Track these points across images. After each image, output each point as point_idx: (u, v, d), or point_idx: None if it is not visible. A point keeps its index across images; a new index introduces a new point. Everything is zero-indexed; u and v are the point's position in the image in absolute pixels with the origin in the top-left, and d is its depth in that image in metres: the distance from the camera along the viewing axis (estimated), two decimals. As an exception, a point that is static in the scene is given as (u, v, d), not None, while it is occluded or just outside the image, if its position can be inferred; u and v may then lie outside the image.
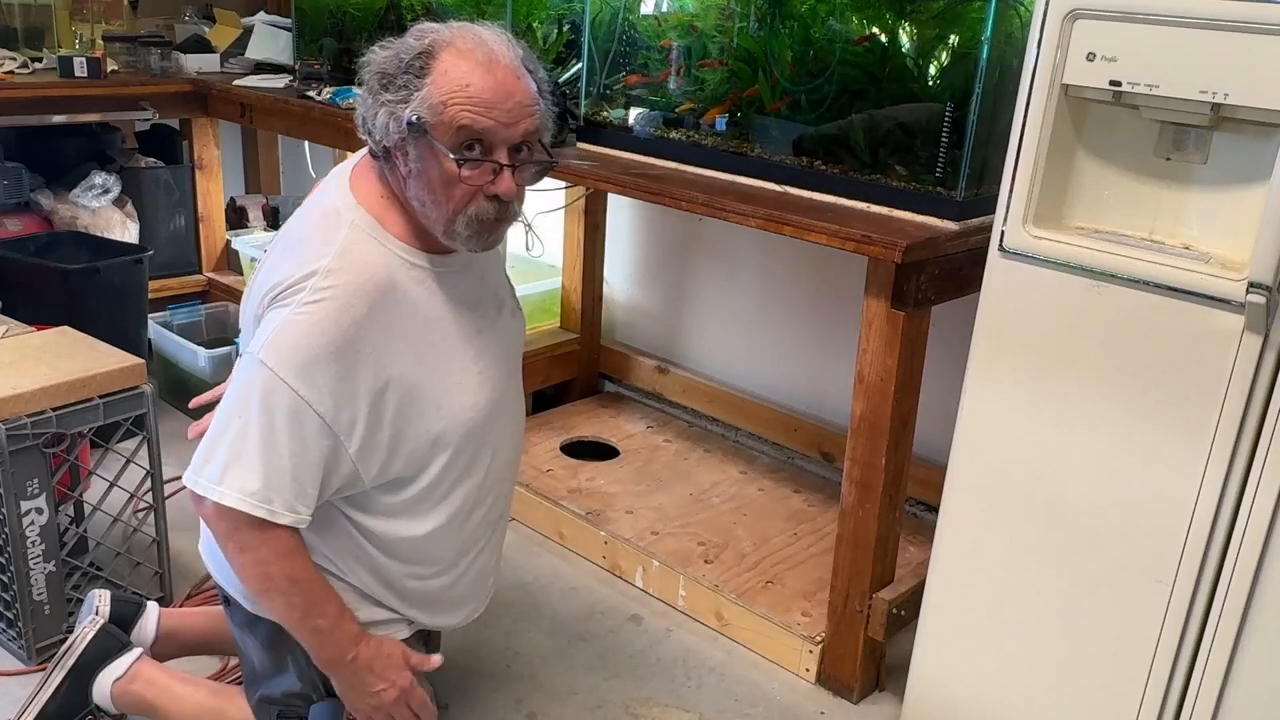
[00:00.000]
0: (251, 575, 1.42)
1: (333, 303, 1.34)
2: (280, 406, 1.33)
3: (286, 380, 1.32)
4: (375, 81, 1.37)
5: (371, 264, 1.39)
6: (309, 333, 1.33)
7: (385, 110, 1.36)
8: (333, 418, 1.36)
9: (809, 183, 2.01)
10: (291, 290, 1.36)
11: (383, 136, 1.38)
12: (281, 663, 1.56)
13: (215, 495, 1.34)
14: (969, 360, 1.66)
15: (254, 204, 3.86)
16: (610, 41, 2.38)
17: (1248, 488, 1.42)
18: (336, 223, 1.41)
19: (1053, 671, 1.65)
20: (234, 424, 1.34)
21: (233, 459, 1.34)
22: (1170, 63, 1.39)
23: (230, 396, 1.37)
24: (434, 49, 1.35)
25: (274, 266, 1.41)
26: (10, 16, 3.30)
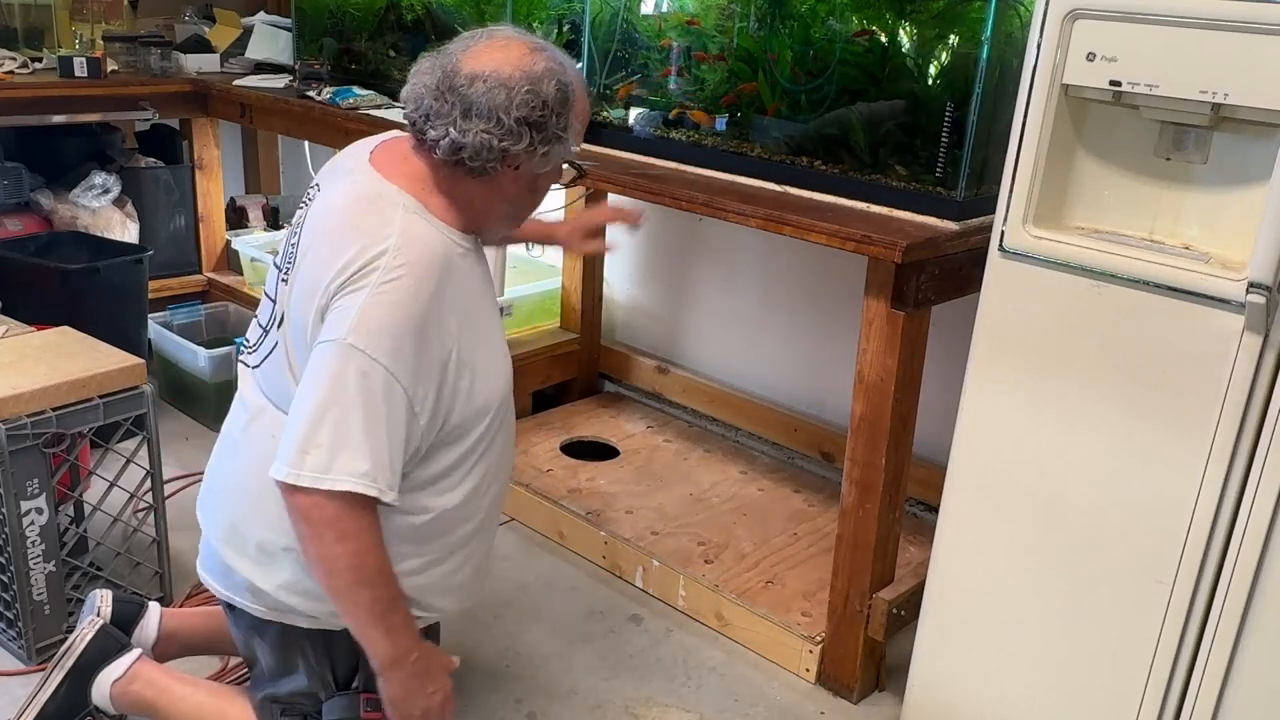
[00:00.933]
0: (345, 567, 1.39)
1: (409, 279, 1.37)
2: (377, 388, 1.35)
3: (379, 360, 1.34)
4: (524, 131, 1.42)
5: (431, 241, 1.43)
6: (393, 311, 1.36)
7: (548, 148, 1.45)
8: (414, 394, 1.39)
9: (809, 183, 2.01)
10: (363, 272, 1.37)
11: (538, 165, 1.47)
12: (291, 663, 1.57)
13: (326, 483, 1.34)
14: (969, 360, 1.66)
15: (254, 204, 3.86)
16: (610, 41, 2.38)
17: (1248, 488, 1.42)
18: (387, 204, 1.43)
19: (1053, 671, 1.65)
20: (331, 412, 1.35)
21: (338, 445, 1.34)
22: (1170, 63, 1.39)
23: (317, 387, 1.36)
24: (571, 85, 1.46)
25: (327, 255, 1.41)
26: (10, 16, 3.30)
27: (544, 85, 1.42)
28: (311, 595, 1.51)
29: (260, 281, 3.43)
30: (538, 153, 1.45)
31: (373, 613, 1.44)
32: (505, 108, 1.40)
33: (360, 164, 1.51)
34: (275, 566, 1.51)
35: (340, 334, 1.35)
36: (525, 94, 1.40)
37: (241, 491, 1.55)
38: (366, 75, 3.05)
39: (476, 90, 1.40)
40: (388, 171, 1.48)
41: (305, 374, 1.39)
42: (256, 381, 1.55)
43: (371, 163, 1.50)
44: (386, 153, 1.52)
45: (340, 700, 1.56)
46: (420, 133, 1.45)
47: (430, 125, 1.43)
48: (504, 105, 1.40)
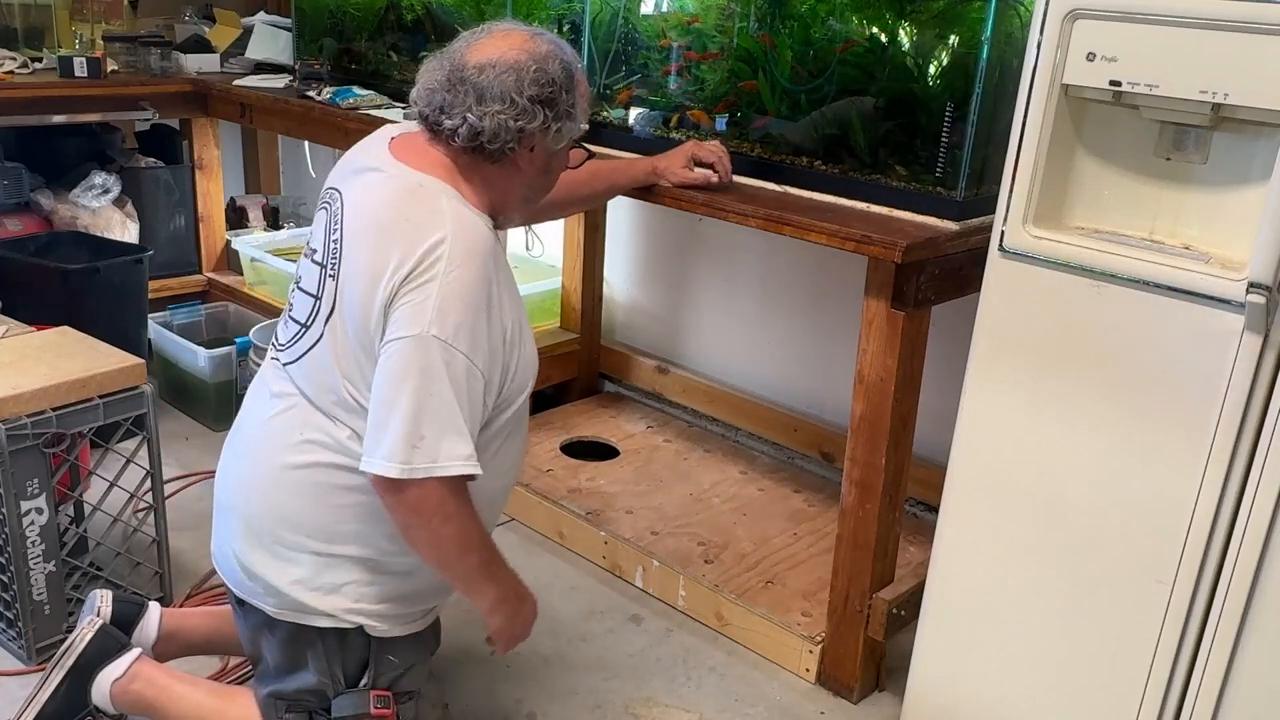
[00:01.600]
0: (453, 543, 1.48)
1: (473, 264, 1.43)
2: (461, 375, 1.41)
3: (459, 349, 1.40)
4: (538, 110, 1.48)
5: (478, 225, 1.48)
6: (464, 297, 1.41)
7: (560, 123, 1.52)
8: (489, 376, 1.46)
9: (809, 183, 2.01)
10: (427, 263, 1.41)
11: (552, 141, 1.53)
12: (300, 660, 1.57)
13: (439, 471, 1.40)
14: (969, 360, 1.66)
15: (254, 204, 3.87)
16: (610, 41, 2.38)
17: (1248, 488, 1.42)
18: (430, 194, 1.48)
19: (1053, 671, 1.65)
20: (428, 404, 1.39)
21: (441, 434, 1.40)
22: (1170, 63, 1.39)
23: (407, 382, 1.39)
24: (571, 67, 1.52)
25: (383, 247, 1.43)
26: (10, 16, 3.30)
27: (550, 64, 1.49)
28: (328, 590, 1.52)
29: (260, 282, 3.43)
30: (551, 129, 1.51)
31: (482, 571, 1.54)
32: (518, 88, 1.46)
33: (385, 160, 1.53)
34: (291, 563, 1.52)
35: (421, 328, 1.39)
36: (534, 73, 1.47)
37: (259, 486, 1.55)
38: (366, 75, 3.05)
39: (487, 77, 1.47)
40: (416, 163, 1.51)
41: (387, 371, 1.41)
42: (288, 376, 1.55)
43: (396, 157, 1.53)
44: (405, 147, 1.54)
45: (350, 698, 1.57)
46: (435, 125, 1.49)
47: (446, 116, 1.48)
48: (516, 86, 1.46)
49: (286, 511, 1.51)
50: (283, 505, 1.51)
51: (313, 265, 1.55)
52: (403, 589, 1.57)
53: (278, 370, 1.58)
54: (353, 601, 1.53)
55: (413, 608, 1.60)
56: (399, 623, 1.58)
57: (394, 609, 1.56)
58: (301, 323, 1.55)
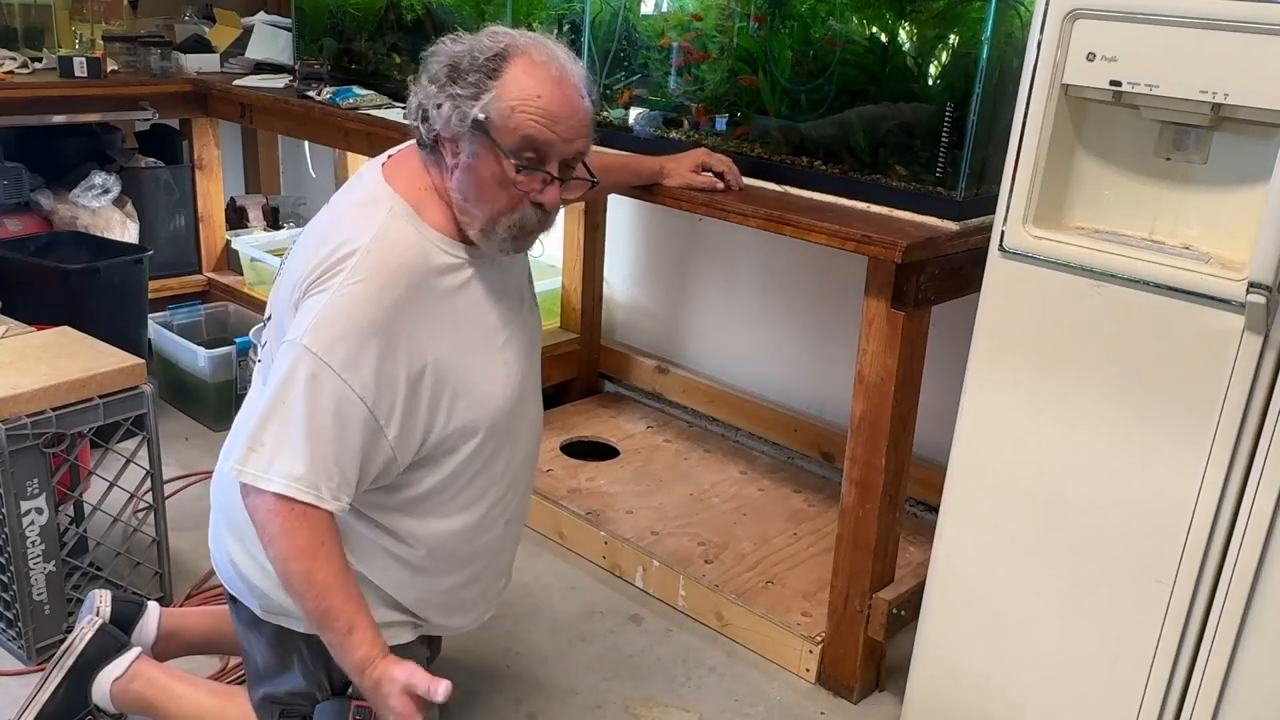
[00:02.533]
0: (278, 570, 1.39)
1: (373, 283, 1.35)
2: (325, 391, 1.34)
3: (331, 365, 1.33)
4: (443, 73, 1.40)
5: (409, 247, 1.40)
6: (350, 314, 1.34)
7: (451, 102, 1.38)
8: (374, 403, 1.36)
9: (809, 182, 2.01)
10: (330, 273, 1.36)
11: (442, 126, 1.40)
12: (286, 661, 1.56)
13: (262, 482, 1.34)
14: (969, 360, 1.66)
15: (254, 204, 3.86)
16: (610, 41, 2.38)
17: (1248, 488, 1.42)
18: (374, 209, 1.43)
19: (1053, 671, 1.65)
20: (278, 412, 1.34)
21: (279, 447, 1.34)
22: (1170, 63, 1.39)
23: (272, 383, 1.36)
24: (509, 53, 1.38)
25: (308, 253, 1.41)
26: (10, 16, 3.30)
27: (479, 41, 1.40)
28: None
29: (260, 282, 3.44)
30: (433, 103, 1.39)
31: (310, 617, 1.41)
32: (438, 56, 1.41)
33: (372, 168, 1.51)
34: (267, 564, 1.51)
35: (297, 334, 1.35)
36: (460, 48, 1.40)
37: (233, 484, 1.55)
38: (366, 75, 3.05)
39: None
40: (392, 176, 1.48)
41: (272, 371, 1.40)
42: (259, 374, 1.56)
43: (384, 167, 1.50)
44: (399, 157, 1.52)
45: (331, 706, 1.55)
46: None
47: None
48: (439, 55, 1.41)
49: None
50: None
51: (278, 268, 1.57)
52: (383, 599, 1.54)
53: (256, 368, 1.59)
54: None
55: (397, 618, 1.57)
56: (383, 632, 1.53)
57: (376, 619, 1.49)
58: (265, 320, 1.57)
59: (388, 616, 1.55)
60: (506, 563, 1.70)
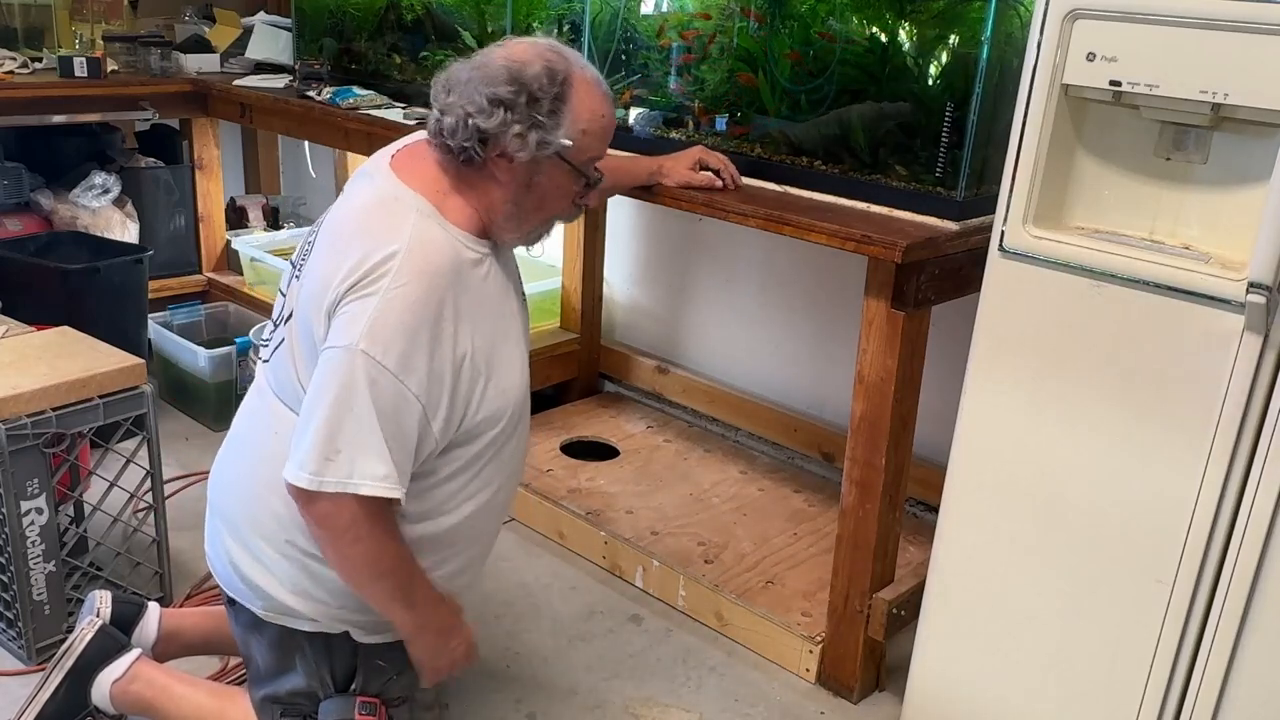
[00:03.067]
0: (364, 564, 1.44)
1: (419, 284, 1.38)
2: (387, 394, 1.37)
3: (388, 367, 1.36)
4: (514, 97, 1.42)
5: (444, 246, 1.43)
6: (403, 317, 1.37)
7: (537, 132, 1.43)
8: (427, 400, 1.40)
9: (809, 182, 2.01)
10: (372, 276, 1.38)
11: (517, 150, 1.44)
12: (288, 662, 1.57)
13: (351, 488, 1.37)
14: (969, 360, 1.66)
15: (254, 204, 3.87)
16: (610, 41, 2.38)
17: (1248, 488, 1.42)
18: (400, 208, 1.44)
19: (1053, 671, 1.65)
20: (347, 418, 1.36)
21: (357, 451, 1.37)
22: (1170, 63, 1.39)
23: (330, 393, 1.37)
24: (570, 77, 1.45)
25: (336, 257, 1.42)
26: (10, 16, 3.30)
27: (529, 69, 1.43)
28: (310, 597, 1.51)
29: (260, 282, 3.43)
30: (510, 133, 1.43)
31: (394, 596, 1.48)
32: (481, 84, 1.43)
33: (381, 167, 1.52)
34: (274, 565, 1.51)
35: (351, 340, 1.36)
36: (500, 70, 1.43)
37: (241, 487, 1.56)
38: (366, 75, 3.05)
39: (463, 72, 1.45)
40: (406, 175, 1.49)
41: (316, 378, 1.40)
42: (266, 376, 1.56)
43: (392, 165, 1.51)
44: (407, 156, 1.53)
45: (336, 702, 1.56)
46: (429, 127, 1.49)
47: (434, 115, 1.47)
48: (482, 81, 1.43)
49: (271, 513, 1.50)
50: (267, 506, 1.51)
51: (289, 266, 1.57)
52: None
53: (260, 369, 1.59)
54: (338, 607, 1.52)
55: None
56: (387, 629, 1.56)
57: (380, 616, 1.54)
58: (274, 323, 1.57)
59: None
60: (488, 553, 1.73)
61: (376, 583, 1.46)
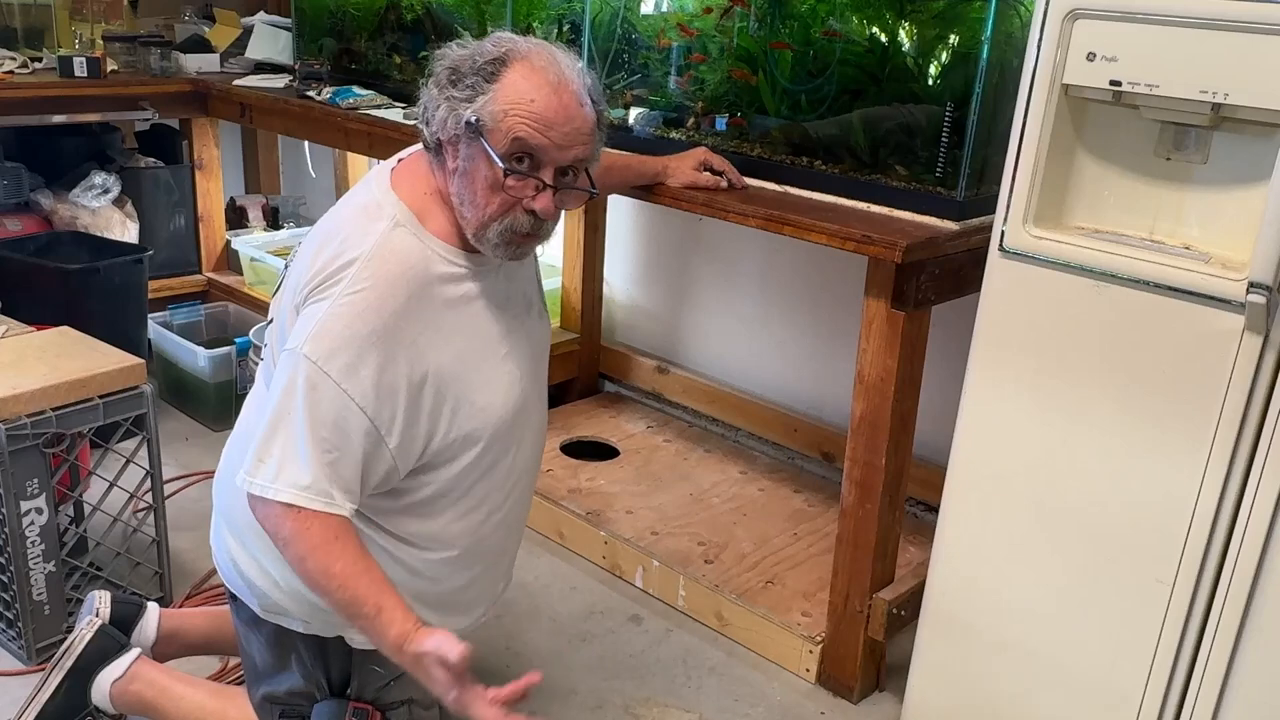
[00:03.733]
0: (299, 571, 1.38)
1: (373, 291, 1.35)
2: (324, 400, 1.33)
3: (330, 374, 1.32)
4: (445, 76, 1.40)
5: (409, 255, 1.39)
6: (351, 324, 1.33)
7: (448, 105, 1.38)
8: (375, 413, 1.35)
9: (809, 182, 2.01)
10: (330, 281, 1.36)
11: (439, 129, 1.40)
12: (285, 661, 1.56)
13: (271, 493, 1.34)
14: (969, 360, 1.66)
15: (254, 204, 3.86)
16: (610, 41, 2.38)
17: (1248, 488, 1.42)
18: (376, 215, 1.42)
19: (1053, 671, 1.65)
20: (284, 422, 1.34)
21: (286, 457, 1.34)
22: (1170, 63, 1.39)
23: (275, 396, 1.36)
24: (508, 58, 1.38)
25: (309, 259, 1.41)
26: (10, 16, 3.30)
27: (483, 46, 1.39)
28: (300, 599, 1.50)
29: (260, 282, 3.44)
30: (436, 109, 1.39)
31: (339, 612, 1.40)
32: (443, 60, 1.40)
33: (381, 173, 1.50)
34: (268, 565, 1.51)
35: (297, 343, 1.34)
36: (463, 53, 1.40)
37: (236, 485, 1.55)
38: (366, 75, 3.05)
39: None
40: (399, 181, 1.47)
41: (274, 379, 1.39)
42: (260, 374, 1.57)
43: (391, 173, 1.49)
44: (410, 161, 1.51)
45: (328, 706, 1.55)
46: None
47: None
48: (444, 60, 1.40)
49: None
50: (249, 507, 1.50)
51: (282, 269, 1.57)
52: None
53: (259, 368, 1.59)
54: (328, 611, 1.48)
55: None
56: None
57: None
58: (268, 321, 1.57)
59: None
60: (507, 565, 1.70)
61: (316, 592, 1.39)
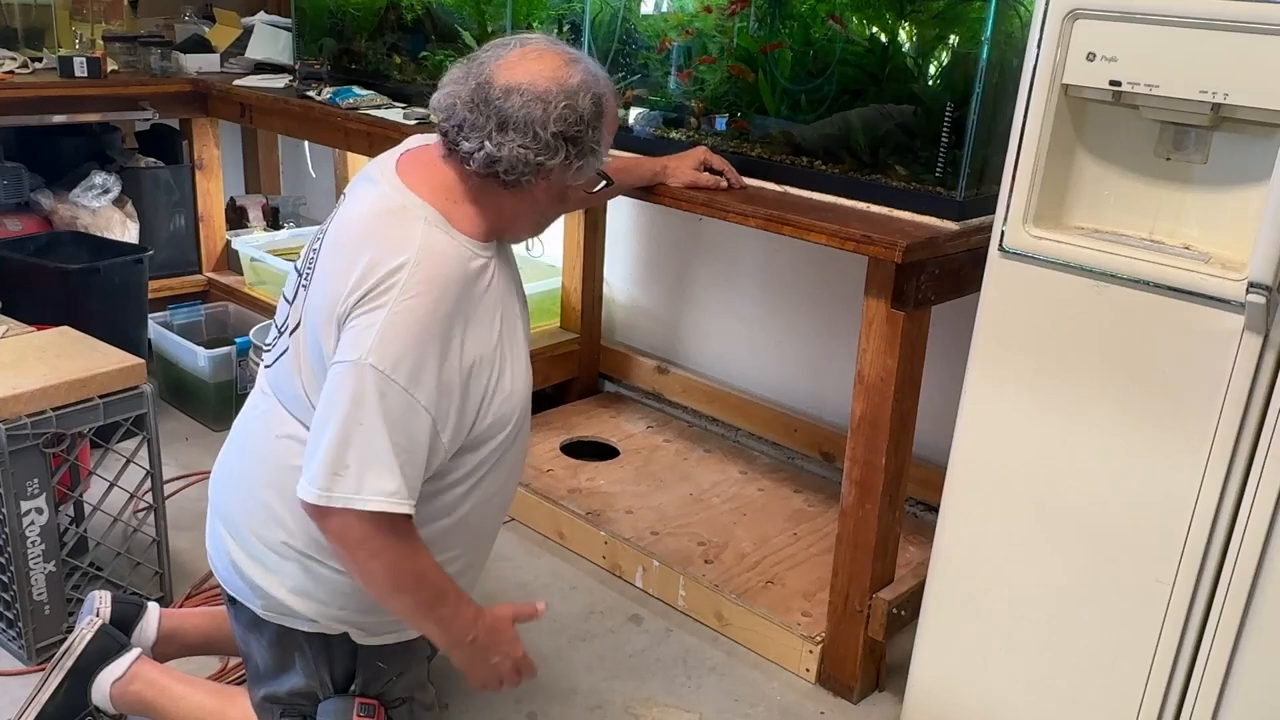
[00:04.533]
0: (383, 579, 1.42)
1: (428, 295, 1.37)
2: (396, 408, 1.36)
3: (397, 381, 1.35)
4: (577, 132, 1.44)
5: (450, 255, 1.42)
6: (411, 329, 1.36)
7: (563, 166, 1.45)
8: (436, 412, 1.39)
9: (809, 182, 2.01)
10: (380, 289, 1.36)
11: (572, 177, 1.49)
12: (288, 661, 1.57)
13: (358, 504, 1.35)
14: (969, 360, 1.66)
15: (254, 204, 3.86)
16: (610, 41, 2.38)
17: (1248, 488, 1.42)
18: (406, 218, 1.43)
19: (1053, 671, 1.65)
20: (357, 433, 1.35)
21: (365, 467, 1.35)
22: (1170, 63, 1.39)
23: (340, 408, 1.36)
24: (602, 96, 1.46)
25: (344, 266, 1.40)
26: (10, 16, 3.30)
27: (580, 99, 1.43)
28: (310, 597, 1.51)
29: (260, 282, 3.43)
30: (573, 166, 1.46)
31: (418, 611, 1.47)
32: (542, 122, 1.41)
33: (386, 173, 1.50)
34: (273, 566, 1.52)
35: (360, 354, 1.35)
36: (562, 109, 1.41)
37: (240, 486, 1.56)
38: (366, 75, 3.05)
39: (513, 104, 1.40)
40: (412, 181, 1.47)
41: (326, 393, 1.39)
42: (270, 380, 1.56)
43: (398, 171, 1.49)
44: (413, 161, 1.51)
45: (335, 703, 1.56)
46: (453, 143, 1.44)
47: (464, 137, 1.43)
48: (540, 120, 1.41)
49: (268, 512, 1.51)
50: (265, 506, 1.51)
51: (294, 273, 1.56)
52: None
53: (261, 372, 1.59)
54: (337, 608, 1.52)
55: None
56: (386, 631, 1.56)
57: (381, 617, 1.54)
58: (279, 329, 1.56)
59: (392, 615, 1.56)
60: (490, 548, 1.73)
61: (398, 596, 1.44)
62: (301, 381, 1.47)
